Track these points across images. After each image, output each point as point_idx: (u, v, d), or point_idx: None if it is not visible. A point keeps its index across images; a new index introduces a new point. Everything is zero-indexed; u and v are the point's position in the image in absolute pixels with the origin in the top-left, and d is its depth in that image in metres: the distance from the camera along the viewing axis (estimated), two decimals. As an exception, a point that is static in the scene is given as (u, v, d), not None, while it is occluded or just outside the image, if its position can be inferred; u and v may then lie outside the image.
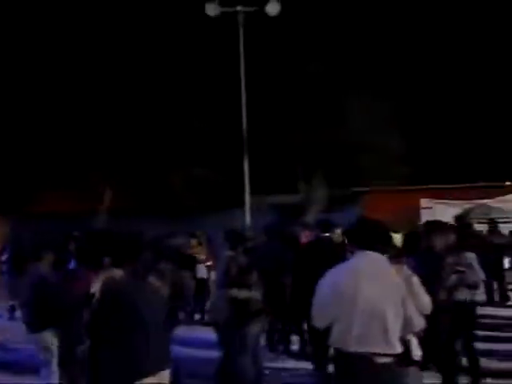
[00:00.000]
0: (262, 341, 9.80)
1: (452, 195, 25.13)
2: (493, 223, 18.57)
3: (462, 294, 8.71)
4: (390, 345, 5.33)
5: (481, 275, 8.99)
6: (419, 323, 5.61)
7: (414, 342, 6.08)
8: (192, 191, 33.02)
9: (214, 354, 9.38)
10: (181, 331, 9.18)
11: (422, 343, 6.33)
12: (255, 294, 8.91)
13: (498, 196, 24.39)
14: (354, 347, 5.36)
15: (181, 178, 33.36)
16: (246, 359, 8.88)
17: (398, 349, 5.39)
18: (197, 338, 11.39)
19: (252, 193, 26.05)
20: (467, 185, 27.56)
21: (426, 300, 6.04)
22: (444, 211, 22.54)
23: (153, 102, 32.74)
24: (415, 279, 6.05)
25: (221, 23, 26.90)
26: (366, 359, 5.29)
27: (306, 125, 33.06)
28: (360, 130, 33.21)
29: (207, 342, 10.67)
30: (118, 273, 6.03)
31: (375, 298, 5.33)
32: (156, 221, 24.52)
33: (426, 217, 22.36)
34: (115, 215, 29.05)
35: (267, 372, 9.45)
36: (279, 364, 10.54)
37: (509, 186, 27.45)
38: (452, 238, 9.37)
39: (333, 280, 5.58)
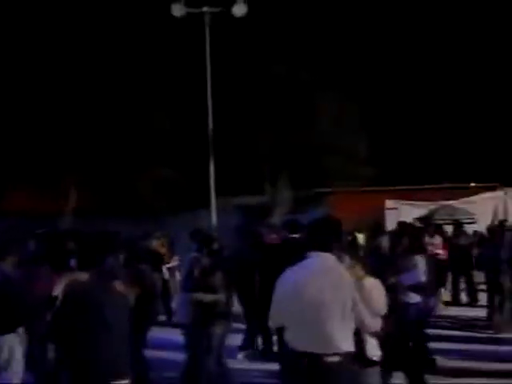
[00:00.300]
0: (229, 342, 9.78)
1: (417, 196, 25.26)
2: (458, 224, 18.72)
3: (407, 296, 8.72)
4: (338, 344, 5.35)
5: (421, 278, 8.93)
6: (372, 325, 5.66)
7: (372, 342, 6.09)
8: (158, 192, 32.90)
9: (181, 356, 9.34)
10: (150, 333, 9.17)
11: (384, 344, 6.35)
12: (221, 297, 8.88)
13: (463, 197, 24.56)
14: (303, 346, 5.42)
15: (147, 179, 33.22)
16: (211, 361, 8.86)
17: (347, 348, 5.41)
18: (164, 340, 11.31)
19: (218, 194, 26.03)
20: (432, 186, 27.76)
21: (378, 302, 6.00)
22: (409, 212, 22.64)
23: (119, 102, 32.53)
24: (368, 281, 6.00)
25: (187, 24, 26.82)
26: (315, 358, 5.33)
27: (271, 126, 33.11)
28: (325, 131, 33.35)
29: (174, 344, 10.62)
30: (83, 275, 5.97)
31: (324, 298, 5.36)
32: (122, 221, 24.38)
33: (390, 218, 22.47)
34: (81, 215, 28.88)
35: (234, 373, 9.41)
36: (245, 365, 10.51)
37: (473, 187, 27.68)
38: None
39: (286, 280, 5.63)
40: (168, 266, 16.01)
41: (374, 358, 6.10)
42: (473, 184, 28.00)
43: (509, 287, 13.32)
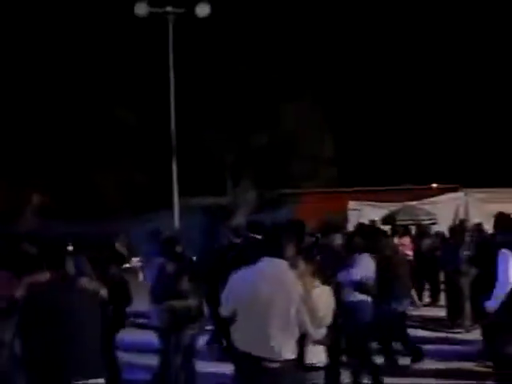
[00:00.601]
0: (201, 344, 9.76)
1: (379, 197, 25.42)
2: (421, 225, 18.86)
3: (351, 295, 8.75)
4: (280, 351, 5.41)
5: (358, 276, 8.91)
6: (316, 335, 5.73)
7: (316, 348, 6.11)
8: (120, 193, 32.72)
9: (151, 357, 9.30)
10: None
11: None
12: (191, 302, 8.81)
13: (425, 198, 24.77)
14: (247, 348, 5.48)
15: (109, 180, 33.01)
16: (180, 363, 8.83)
17: (289, 356, 5.46)
18: (135, 342, 11.18)
19: (180, 194, 25.92)
20: (395, 187, 27.95)
21: (324, 313, 5.95)
22: (371, 213, 22.77)
23: (81, 103, 32.31)
24: (316, 293, 5.94)
25: (150, 23, 26.71)
26: (257, 361, 5.39)
27: (235, 127, 33.07)
28: (289, 132, 33.40)
29: (145, 346, 10.54)
30: (44, 276, 5.90)
31: (271, 304, 5.41)
32: (84, 223, 24.21)
33: (353, 218, 22.59)
34: (42, 217, 28.62)
35: (203, 375, 9.36)
36: (213, 368, 10.43)
37: (435, 188, 27.95)
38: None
39: (239, 278, 5.69)
40: (127, 266, 15.90)
41: (318, 364, 6.14)
42: (434, 185, 28.28)
43: (468, 287, 13.43)
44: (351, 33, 36.39)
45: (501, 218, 8.85)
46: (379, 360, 9.91)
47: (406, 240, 16.20)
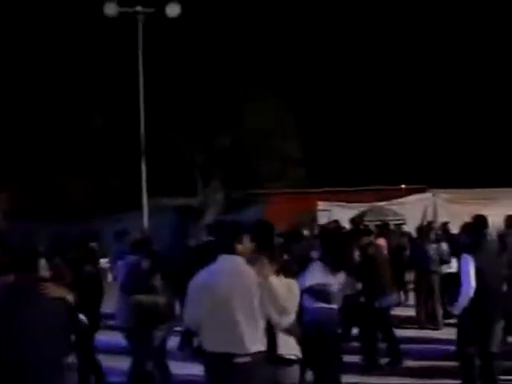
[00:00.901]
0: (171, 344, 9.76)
1: (349, 198, 25.56)
2: (387, 225, 18.98)
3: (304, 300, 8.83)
4: (247, 344, 5.47)
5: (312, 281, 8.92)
6: (281, 323, 5.77)
7: (289, 341, 6.10)
8: (90, 194, 32.54)
9: (123, 359, 9.26)
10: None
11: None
12: (161, 299, 8.78)
13: (394, 199, 24.97)
14: (215, 347, 5.54)
15: (79, 181, 32.82)
16: (152, 364, 8.80)
17: (257, 348, 5.52)
18: (105, 343, 11.09)
19: (149, 195, 25.85)
20: (364, 188, 28.13)
21: (285, 301, 5.87)
22: (341, 214, 22.87)
23: (49, 103, 32.07)
24: (274, 280, 5.88)
25: (120, 23, 26.60)
26: (226, 358, 5.45)
27: (204, 127, 33.03)
28: (258, 133, 33.41)
29: (114, 347, 10.50)
30: (8, 278, 5.84)
31: (233, 299, 5.48)
32: (53, 224, 24.05)
33: (323, 219, 22.68)
34: (11, 218, 28.35)
35: (175, 375, 9.34)
36: (185, 369, 10.40)
37: (404, 189, 28.19)
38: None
39: (197, 282, 5.76)
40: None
41: (292, 357, 6.12)
42: (403, 186, 28.51)
43: (438, 286, 13.59)
44: (318, 33, 36.52)
45: (478, 220, 8.83)
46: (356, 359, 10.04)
47: (382, 240, 16.33)
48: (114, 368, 9.74)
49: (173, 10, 25.16)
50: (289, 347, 6.08)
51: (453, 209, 22.67)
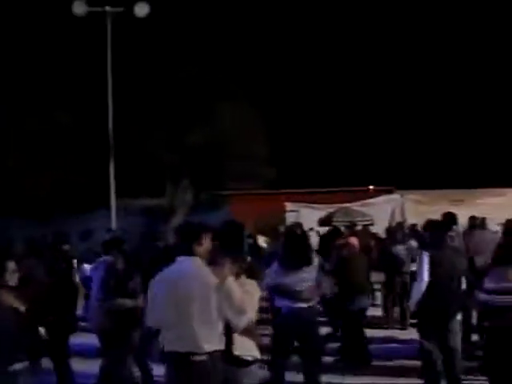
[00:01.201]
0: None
1: (317, 199, 25.65)
2: (355, 225, 19.08)
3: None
4: (204, 344, 5.57)
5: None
6: (239, 323, 5.80)
7: (246, 342, 6.12)
8: (58, 193, 32.29)
9: (95, 363, 9.18)
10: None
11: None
12: (139, 302, 8.59)
13: (362, 200, 25.11)
14: (174, 346, 5.62)
15: (46, 181, 32.54)
16: (129, 367, 8.73)
17: (214, 347, 5.62)
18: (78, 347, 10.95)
19: (118, 195, 25.73)
20: (332, 189, 28.22)
21: (242, 302, 5.88)
22: (309, 215, 22.97)
23: (17, 100, 31.80)
24: (230, 281, 5.87)
25: (89, 22, 26.46)
26: (183, 357, 5.56)
27: (172, 127, 32.94)
28: (228, 133, 33.40)
29: (89, 351, 10.39)
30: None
31: (191, 300, 5.59)
32: (21, 223, 23.88)
33: (291, 220, 22.72)
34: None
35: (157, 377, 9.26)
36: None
37: (372, 190, 28.33)
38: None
39: (158, 283, 5.84)
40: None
41: (248, 358, 6.14)
42: (371, 187, 28.65)
43: (407, 286, 13.67)
44: (287, 33, 36.58)
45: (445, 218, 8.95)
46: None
47: (354, 239, 16.33)
48: (86, 371, 9.65)
49: (142, 10, 25.11)
50: (245, 348, 6.09)
51: (420, 210, 22.84)
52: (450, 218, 10.67)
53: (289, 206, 25.20)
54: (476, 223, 12.50)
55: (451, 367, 8.21)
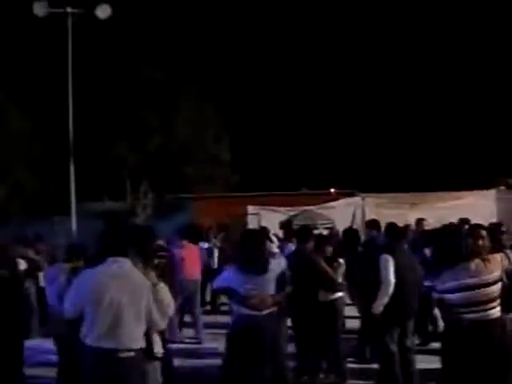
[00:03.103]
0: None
1: (279, 202, 25.66)
2: (316, 228, 19.11)
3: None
4: (132, 342, 5.83)
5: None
6: (162, 324, 6.23)
7: (157, 339, 6.52)
8: (16, 197, 31.99)
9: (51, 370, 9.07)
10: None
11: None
12: None
13: (323, 203, 25.17)
14: (98, 342, 5.76)
15: (3, 185, 32.22)
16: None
17: (140, 345, 5.90)
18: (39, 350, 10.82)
19: (78, 199, 25.49)
20: (294, 192, 28.31)
21: (168, 305, 6.40)
22: (270, 218, 22.94)
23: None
24: (161, 286, 6.40)
25: (49, 23, 26.24)
26: (109, 353, 5.72)
27: (133, 131, 32.83)
28: (189, 136, 33.37)
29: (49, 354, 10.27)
30: None
31: (122, 299, 5.77)
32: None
33: (253, 223, 22.75)
34: None
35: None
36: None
37: (333, 193, 28.45)
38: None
39: (84, 280, 5.96)
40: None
41: (158, 355, 6.54)
42: (332, 190, 28.77)
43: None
44: (249, 36, 36.69)
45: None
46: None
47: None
48: (42, 377, 9.55)
49: (103, 12, 24.94)
50: (158, 345, 6.52)
51: (381, 212, 22.93)
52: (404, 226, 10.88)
53: (250, 209, 25.18)
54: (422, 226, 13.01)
55: (407, 367, 8.33)
